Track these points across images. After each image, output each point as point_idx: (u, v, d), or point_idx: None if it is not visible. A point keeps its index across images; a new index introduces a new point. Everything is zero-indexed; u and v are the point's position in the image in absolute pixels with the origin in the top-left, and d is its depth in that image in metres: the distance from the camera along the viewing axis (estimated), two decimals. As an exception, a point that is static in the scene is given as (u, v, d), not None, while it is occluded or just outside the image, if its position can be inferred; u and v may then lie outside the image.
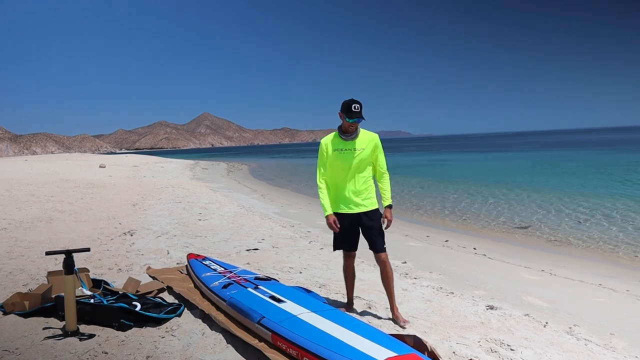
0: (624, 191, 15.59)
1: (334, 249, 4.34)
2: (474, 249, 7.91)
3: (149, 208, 11.28)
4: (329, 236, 8.30)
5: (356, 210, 4.04)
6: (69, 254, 3.63)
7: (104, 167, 29.32)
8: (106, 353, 3.28)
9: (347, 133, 3.97)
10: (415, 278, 5.59)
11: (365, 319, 4.01)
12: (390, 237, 8.72)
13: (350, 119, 3.87)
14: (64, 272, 3.60)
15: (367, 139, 4.03)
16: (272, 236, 8.10)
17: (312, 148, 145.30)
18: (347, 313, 3.76)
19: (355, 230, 4.13)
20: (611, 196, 14.47)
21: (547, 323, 4.21)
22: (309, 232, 8.81)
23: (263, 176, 29.01)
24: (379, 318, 4.15)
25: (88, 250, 3.90)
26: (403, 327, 3.92)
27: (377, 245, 4.08)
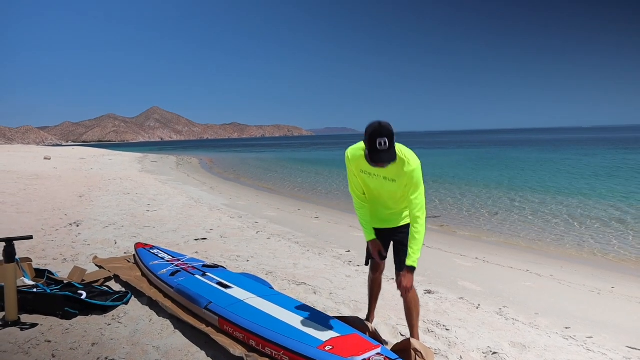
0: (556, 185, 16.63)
1: (367, 263, 3.55)
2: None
3: (96, 199, 10.99)
4: (276, 226, 8.52)
5: (394, 225, 3.28)
6: (9, 242, 3.57)
7: (49, 159, 28.06)
8: (49, 342, 3.26)
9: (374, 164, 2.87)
10: (358, 265, 5.81)
11: (310, 303, 4.16)
12: (336, 227, 9.03)
13: (374, 163, 2.81)
14: (4, 261, 3.54)
15: (399, 169, 2.96)
16: (221, 226, 8.14)
17: (261, 143, 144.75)
18: (298, 300, 3.86)
19: (388, 242, 3.35)
20: (535, 190, 15.43)
21: (479, 305, 4.52)
22: (256, 222, 8.92)
23: (212, 169, 28.72)
24: (324, 303, 4.31)
25: (30, 238, 3.84)
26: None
27: (401, 263, 3.18)
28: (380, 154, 2.74)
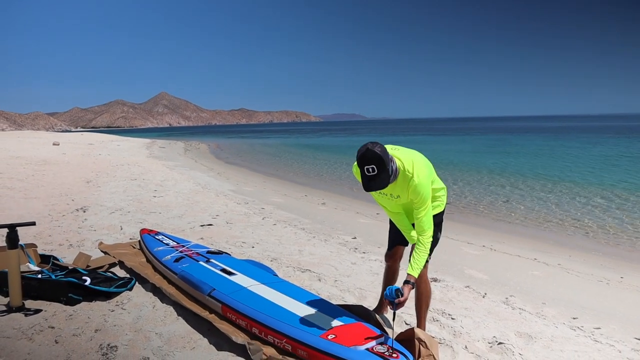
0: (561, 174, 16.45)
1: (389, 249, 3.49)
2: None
3: (103, 185, 11.04)
4: (282, 213, 8.50)
5: None
6: (12, 228, 3.57)
7: (58, 144, 28.21)
8: (53, 327, 3.27)
9: None
10: (364, 252, 5.78)
11: (314, 291, 4.14)
12: (343, 214, 8.98)
13: (366, 189, 2.66)
14: (7, 247, 3.54)
15: (402, 185, 2.83)
16: (227, 212, 8.14)
17: (268, 129, 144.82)
18: (302, 287, 3.84)
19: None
20: (544, 178, 15.31)
21: (485, 294, 4.46)
22: (262, 208, 8.90)
23: (220, 155, 28.73)
24: (328, 290, 4.29)
25: (33, 224, 3.83)
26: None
27: None
28: (369, 181, 2.61)
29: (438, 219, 3.15)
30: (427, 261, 3.07)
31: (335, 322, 2.99)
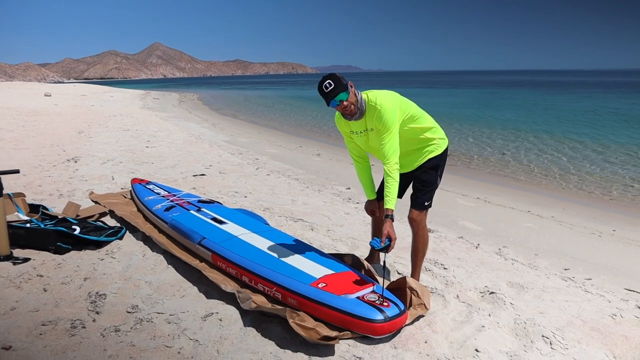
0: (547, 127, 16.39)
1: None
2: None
3: (95, 136, 10.87)
4: (276, 163, 8.42)
5: (408, 169, 3.19)
6: (-5, 176, 3.47)
7: (50, 95, 27.66)
8: (41, 276, 3.24)
9: (345, 115, 2.96)
10: (357, 202, 5.74)
11: (306, 240, 4.11)
12: (338, 165, 8.92)
13: (328, 105, 2.88)
14: (-8, 195, 3.45)
15: (371, 116, 2.92)
16: (220, 163, 8.06)
17: (264, 80, 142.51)
18: (294, 236, 3.80)
19: (407, 184, 3.28)
20: (533, 130, 15.24)
21: (479, 245, 4.46)
22: (257, 159, 8.83)
23: (215, 106, 28.31)
24: (320, 239, 4.26)
25: (17, 172, 3.73)
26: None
27: (413, 200, 3.17)
28: (327, 95, 2.82)
29: (434, 163, 3.14)
30: (426, 207, 3.15)
31: (326, 271, 2.97)
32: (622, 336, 2.71)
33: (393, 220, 2.81)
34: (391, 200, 2.82)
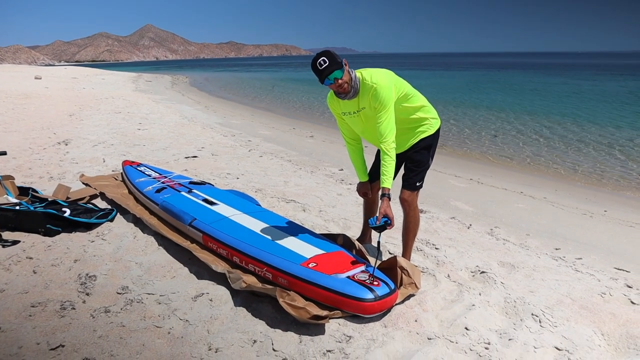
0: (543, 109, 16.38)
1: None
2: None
3: (86, 118, 10.75)
4: (269, 145, 8.38)
5: (401, 150, 3.13)
6: (-18, 157, 3.43)
7: (40, 78, 27.26)
8: (31, 258, 3.22)
9: (339, 94, 2.91)
10: (350, 184, 5.73)
11: (298, 221, 4.10)
12: (331, 146, 8.88)
13: (322, 83, 2.81)
14: (-22, 177, 3.41)
15: (364, 95, 2.87)
16: (213, 144, 8.01)
17: (258, 62, 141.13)
18: (286, 217, 3.79)
19: (400, 164, 3.21)
20: (528, 113, 15.23)
21: (470, 225, 4.47)
22: (249, 141, 8.78)
23: (207, 89, 28.05)
24: (312, 220, 4.25)
25: (4, 153, 3.69)
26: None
27: (405, 180, 3.15)
28: (321, 73, 2.75)
29: (427, 142, 3.11)
30: (418, 188, 3.13)
31: (317, 251, 2.96)
32: (610, 314, 2.73)
33: (390, 199, 2.79)
34: (388, 179, 2.80)
